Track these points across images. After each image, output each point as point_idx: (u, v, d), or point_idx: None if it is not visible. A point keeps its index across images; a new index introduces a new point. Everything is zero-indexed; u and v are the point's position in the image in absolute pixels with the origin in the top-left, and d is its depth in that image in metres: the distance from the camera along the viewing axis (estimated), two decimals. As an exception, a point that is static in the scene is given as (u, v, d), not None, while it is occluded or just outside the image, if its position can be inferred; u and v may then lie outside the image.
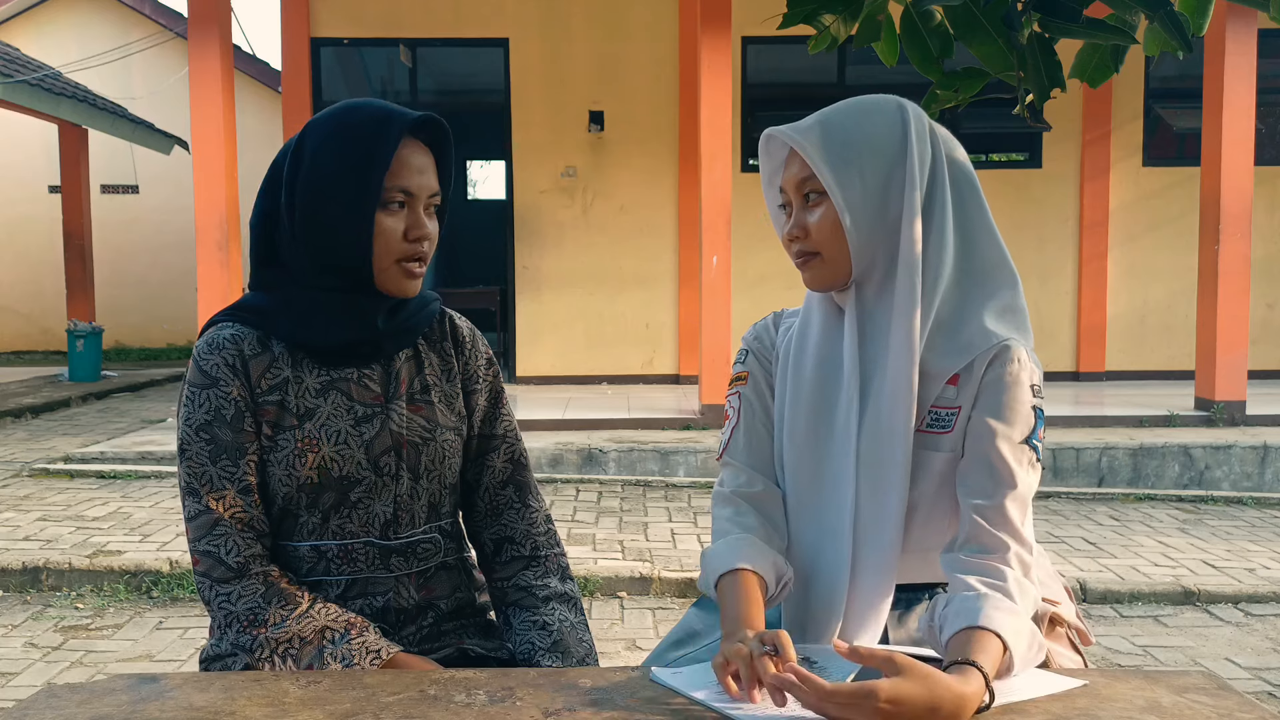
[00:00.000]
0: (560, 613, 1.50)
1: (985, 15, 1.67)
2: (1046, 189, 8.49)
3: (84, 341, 9.84)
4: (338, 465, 1.39)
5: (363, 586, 1.41)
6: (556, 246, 8.56)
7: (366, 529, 1.42)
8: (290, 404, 1.39)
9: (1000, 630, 1.13)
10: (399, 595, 1.43)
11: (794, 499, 1.38)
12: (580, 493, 5.66)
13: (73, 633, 3.70)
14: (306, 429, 1.39)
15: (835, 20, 1.81)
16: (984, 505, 1.24)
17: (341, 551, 1.41)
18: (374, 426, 1.42)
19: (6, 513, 5.05)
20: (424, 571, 1.46)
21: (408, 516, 1.44)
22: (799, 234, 1.33)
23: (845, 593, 1.31)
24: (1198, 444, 6.06)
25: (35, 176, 12.81)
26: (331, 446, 1.39)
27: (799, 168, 1.32)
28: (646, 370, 8.61)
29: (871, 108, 1.32)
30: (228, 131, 6.68)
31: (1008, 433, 1.26)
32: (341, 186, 1.34)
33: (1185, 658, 3.50)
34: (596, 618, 3.84)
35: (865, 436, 1.31)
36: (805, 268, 1.34)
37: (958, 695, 1.04)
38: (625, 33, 8.38)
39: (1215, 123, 6.75)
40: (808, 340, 1.38)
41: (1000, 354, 1.27)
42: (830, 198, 1.29)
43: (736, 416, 1.43)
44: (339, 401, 1.41)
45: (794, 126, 1.32)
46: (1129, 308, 8.58)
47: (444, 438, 1.48)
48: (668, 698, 1.12)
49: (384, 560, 1.42)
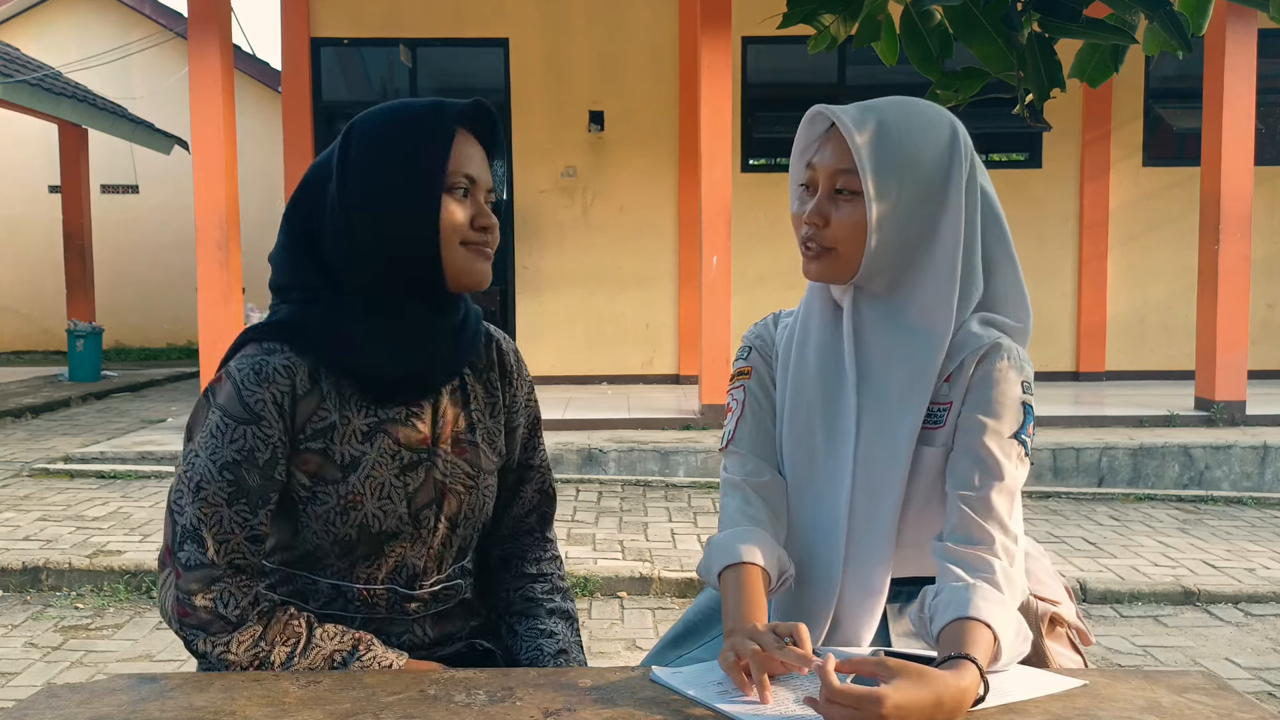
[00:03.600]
0: (563, 627, 1.49)
1: (985, 15, 1.67)
2: (1046, 189, 8.49)
3: (84, 341, 9.84)
4: (379, 521, 1.30)
5: (379, 625, 1.36)
6: (556, 246, 8.56)
7: (393, 577, 1.36)
8: (334, 453, 1.28)
9: (990, 620, 1.14)
10: (414, 633, 1.39)
11: (791, 491, 1.39)
12: (580, 493, 5.66)
13: (73, 633, 3.70)
14: (350, 483, 1.28)
15: (835, 20, 1.81)
16: (971, 496, 1.25)
17: (364, 595, 1.35)
18: (419, 476, 1.33)
19: (6, 513, 5.05)
20: (442, 611, 1.42)
21: (435, 564, 1.39)
22: (818, 222, 1.30)
23: (838, 587, 1.32)
24: (1198, 444, 6.05)
25: (35, 176, 12.81)
26: (375, 502, 1.29)
27: (839, 157, 1.28)
28: (646, 370, 8.61)
29: (928, 122, 1.29)
30: (228, 131, 6.68)
31: (996, 427, 1.27)
32: (405, 173, 1.25)
33: (1185, 658, 3.50)
34: (596, 617, 3.84)
35: (864, 434, 1.32)
36: (813, 258, 1.33)
37: (956, 690, 1.06)
38: (625, 33, 8.38)
39: (1215, 123, 6.75)
40: (808, 337, 1.38)
41: (990, 352, 1.29)
42: (864, 200, 1.26)
43: (741, 408, 1.43)
44: (385, 447, 1.30)
45: (851, 115, 1.27)
46: (1129, 308, 8.58)
47: (485, 483, 1.40)
48: (668, 697, 1.12)
49: (404, 606, 1.37)
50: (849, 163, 1.27)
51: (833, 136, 1.30)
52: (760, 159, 8.71)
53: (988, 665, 1.12)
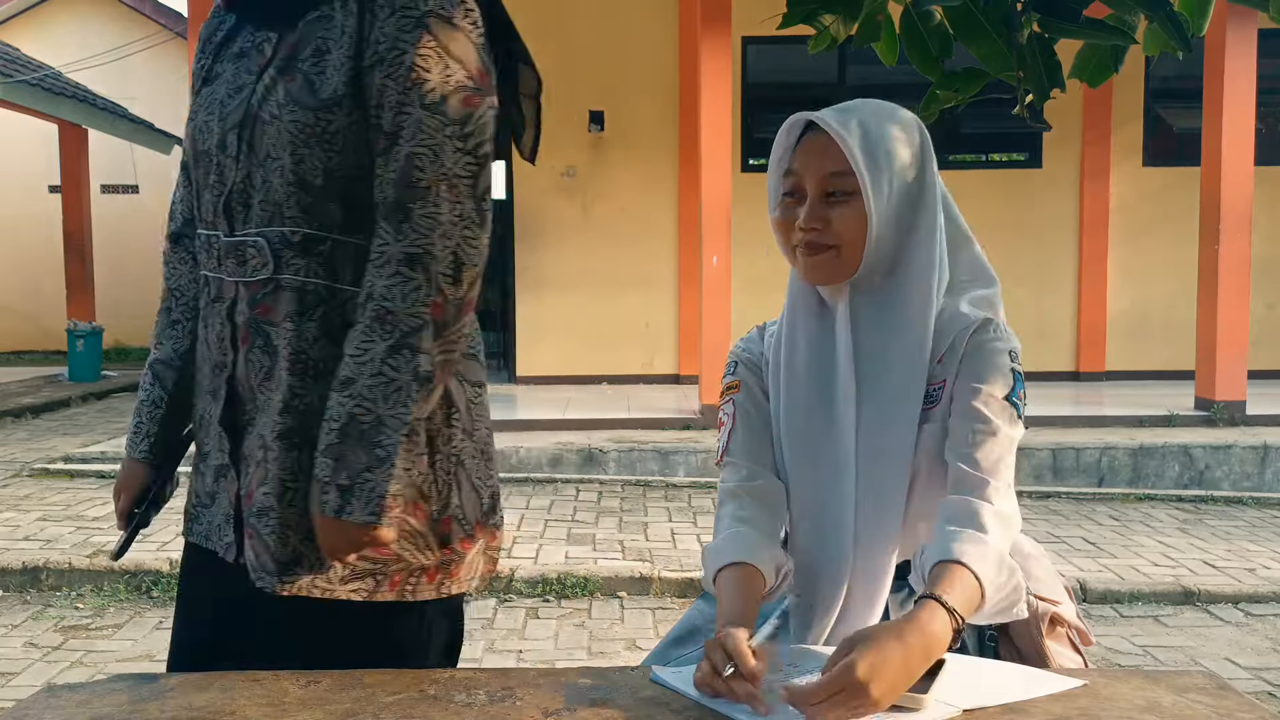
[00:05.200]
0: (357, 388, 1.21)
1: (985, 15, 1.67)
2: (1046, 189, 8.49)
3: (84, 341, 9.84)
4: (202, 138, 1.34)
5: (215, 287, 1.35)
6: (557, 247, 8.55)
7: (212, 218, 1.33)
8: (206, 70, 1.38)
9: (966, 560, 1.16)
10: (236, 308, 1.32)
11: (794, 493, 1.40)
12: (580, 493, 5.66)
13: (73, 633, 3.70)
14: (199, 98, 1.36)
15: (835, 20, 1.81)
16: (966, 452, 1.28)
17: (201, 242, 1.37)
18: (239, 98, 1.30)
19: (6, 513, 5.05)
20: (262, 284, 1.29)
21: (242, 211, 1.30)
22: (818, 225, 1.32)
23: (846, 580, 1.34)
24: (1198, 444, 6.06)
25: (35, 176, 12.81)
26: (203, 117, 1.34)
27: (830, 161, 1.30)
28: (646, 370, 8.61)
29: (896, 118, 1.34)
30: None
31: (989, 390, 1.30)
32: None
33: (1185, 658, 3.50)
34: (596, 617, 3.84)
35: (865, 427, 1.34)
36: (814, 259, 1.33)
37: (922, 633, 1.08)
38: (625, 33, 8.38)
39: (1215, 123, 6.75)
40: (797, 342, 1.40)
41: (979, 327, 1.33)
42: (862, 197, 1.29)
43: (732, 420, 1.45)
44: (239, 67, 1.33)
45: (836, 118, 1.30)
46: (1129, 308, 8.58)
47: (291, 117, 1.25)
48: (668, 697, 1.12)
49: (220, 259, 1.32)
50: (841, 165, 1.29)
51: (817, 141, 1.32)
52: (760, 159, 8.70)
53: (972, 605, 1.14)
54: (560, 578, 4.10)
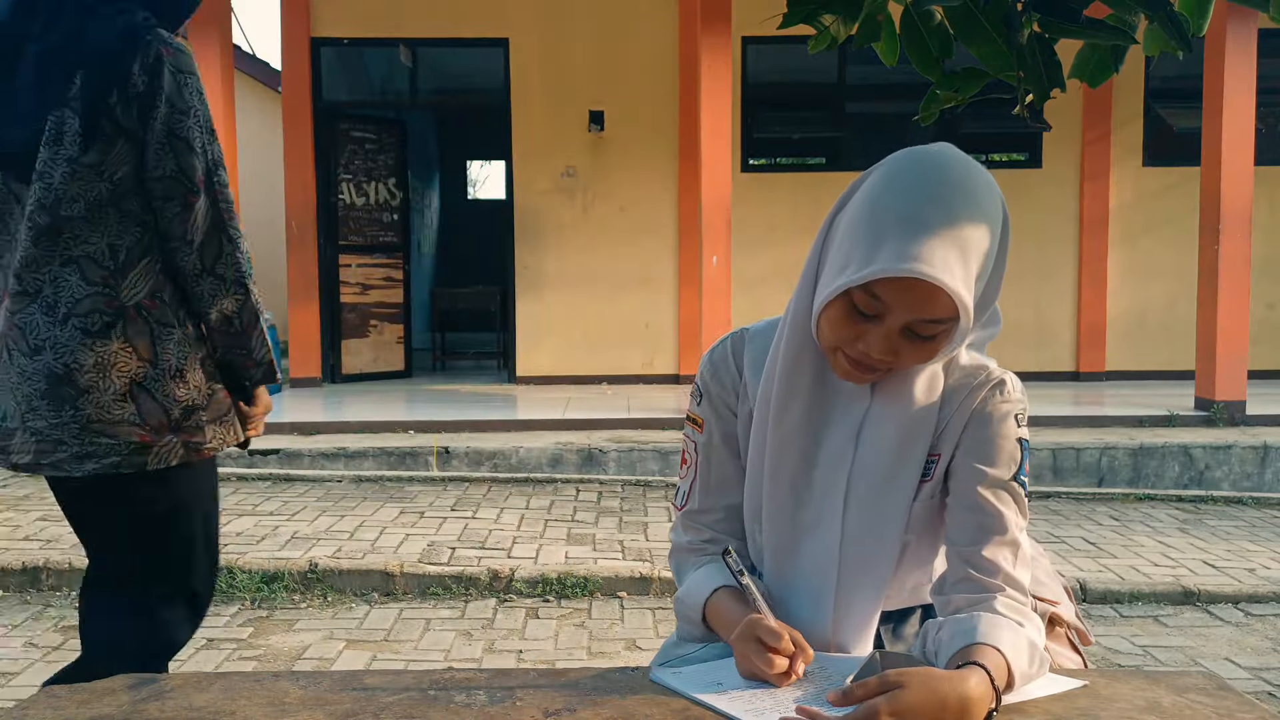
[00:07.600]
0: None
1: (985, 15, 1.67)
2: (1046, 189, 8.49)
3: (84, 341, 9.82)
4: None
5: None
6: (557, 247, 8.55)
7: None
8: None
9: (999, 644, 1.10)
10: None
11: (772, 539, 1.31)
12: (580, 493, 5.66)
13: (73, 633, 3.70)
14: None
15: (835, 20, 1.81)
16: (973, 552, 1.20)
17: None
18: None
19: (6, 513, 5.05)
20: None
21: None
22: (890, 358, 1.18)
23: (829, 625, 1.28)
24: (1198, 444, 6.06)
25: (35, 176, 12.78)
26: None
27: (929, 309, 1.14)
28: (646, 370, 8.61)
29: (981, 200, 1.19)
30: (227, 132, 6.68)
31: (995, 474, 1.21)
32: None
33: (1185, 658, 3.50)
34: (596, 617, 3.84)
35: (854, 499, 1.26)
36: (863, 375, 1.22)
37: (962, 694, 1.03)
38: (625, 33, 8.38)
39: (1215, 123, 6.75)
40: (794, 395, 1.27)
41: (987, 391, 1.24)
42: (945, 335, 1.17)
43: (694, 470, 1.38)
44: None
45: (938, 268, 1.11)
46: (1129, 308, 8.58)
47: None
48: (668, 698, 1.12)
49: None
50: (942, 313, 1.14)
51: (913, 285, 1.13)
52: (760, 159, 8.70)
53: (1002, 686, 1.07)
54: (560, 578, 4.10)
